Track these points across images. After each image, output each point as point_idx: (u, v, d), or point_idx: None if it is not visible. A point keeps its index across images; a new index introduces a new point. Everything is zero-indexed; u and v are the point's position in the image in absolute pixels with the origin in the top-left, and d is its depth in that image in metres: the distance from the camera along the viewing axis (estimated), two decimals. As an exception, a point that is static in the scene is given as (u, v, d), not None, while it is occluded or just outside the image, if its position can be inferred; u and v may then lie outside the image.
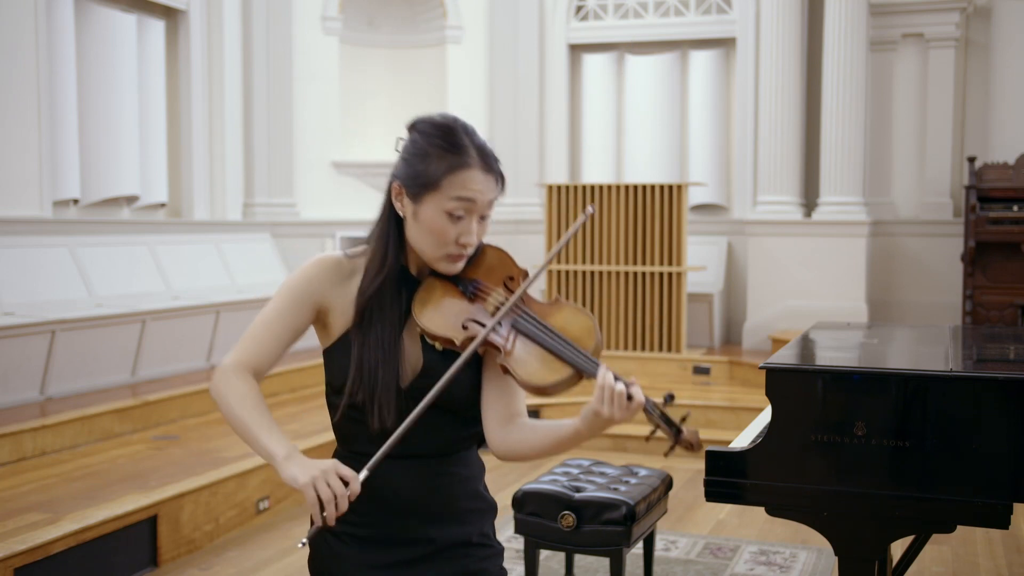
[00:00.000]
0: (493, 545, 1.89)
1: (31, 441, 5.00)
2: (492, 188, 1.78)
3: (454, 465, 1.84)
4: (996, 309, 7.56)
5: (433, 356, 1.79)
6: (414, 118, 1.83)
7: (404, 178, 1.79)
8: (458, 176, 1.74)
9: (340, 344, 1.81)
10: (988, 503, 2.38)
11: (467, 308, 1.79)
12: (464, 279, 1.82)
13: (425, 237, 1.77)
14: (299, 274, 1.83)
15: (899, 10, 8.29)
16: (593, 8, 8.92)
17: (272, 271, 8.33)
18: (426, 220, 1.76)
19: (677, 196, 7.45)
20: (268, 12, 8.58)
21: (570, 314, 1.76)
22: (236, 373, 1.80)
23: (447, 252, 1.78)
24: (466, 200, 1.74)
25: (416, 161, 1.77)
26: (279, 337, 1.82)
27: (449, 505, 1.83)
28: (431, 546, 1.81)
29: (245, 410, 1.76)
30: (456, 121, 1.79)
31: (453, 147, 1.75)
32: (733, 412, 6.45)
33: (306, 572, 4.40)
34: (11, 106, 6.37)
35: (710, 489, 2.62)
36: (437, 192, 1.74)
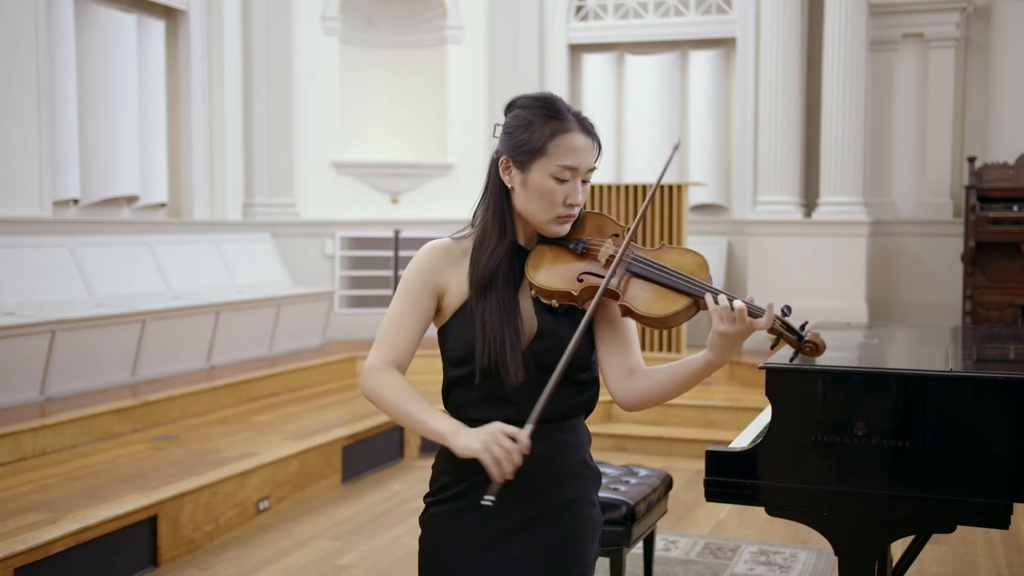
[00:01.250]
0: (594, 516, 1.96)
1: (31, 441, 5.00)
2: (592, 150, 1.90)
3: (565, 432, 1.92)
4: (996, 309, 7.56)
5: (547, 318, 1.89)
6: (512, 98, 1.96)
7: (510, 149, 1.90)
8: (562, 139, 1.86)
9: (458, 316, 1.90)
10: (988, 503, 2.38)
11: (579, 263, 1.90)
12: (572, 239, 1.94)
13: (536, 202, 1.89)
14: (414, 265, 1.94)
15: (899, 10, 8.29)
16: (593, 8, 8.92)
17: (272, 271, 8.33)
18: (535, 185, 1.87)
19: (677, 196, 7.45)
20: (268, 12, 8.58)
21: (679, 253, 1.88)
22: (383, 370, 1.91)
23: (557, 214, 1.89)
24: (570, 165, 1.86)
25: (519, 132, 1.89)
26: (410, 329, 1.92)
27: (559, 471, 1.91)
28: (541, 509, 1.89)
29: (402, 401, 1.87)
30: (553, 94, 1.93)
31: (554, 113, 1.88)
32: (733, 412, 6.45)
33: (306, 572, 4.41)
34: (11, 106, 6.37)
35: (710, 489, 2.62)
36: (543, 157, 1.86)
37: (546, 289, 1.86)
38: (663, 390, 1.89)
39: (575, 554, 1.90)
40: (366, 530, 4.77)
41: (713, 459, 2.61)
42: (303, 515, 5.00)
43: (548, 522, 1.89)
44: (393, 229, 8.28)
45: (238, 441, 5.38)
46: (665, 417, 6.61)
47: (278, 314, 7.60)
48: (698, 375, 1.86)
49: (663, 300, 1.83)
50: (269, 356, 7.54)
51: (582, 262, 1.90)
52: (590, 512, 1.95)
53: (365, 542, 4.58)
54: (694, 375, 1.86)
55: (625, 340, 1.95)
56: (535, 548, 1.87)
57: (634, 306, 1.83)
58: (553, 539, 1.88)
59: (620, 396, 1.93)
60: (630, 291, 1.85)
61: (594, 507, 1.96)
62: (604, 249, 1.91)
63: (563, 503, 1.90)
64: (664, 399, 1.91)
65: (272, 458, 4.99)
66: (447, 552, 1.91)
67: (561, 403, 1.88)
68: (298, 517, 4.96)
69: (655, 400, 1.91)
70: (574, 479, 1.93)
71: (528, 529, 1.88)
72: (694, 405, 6.58)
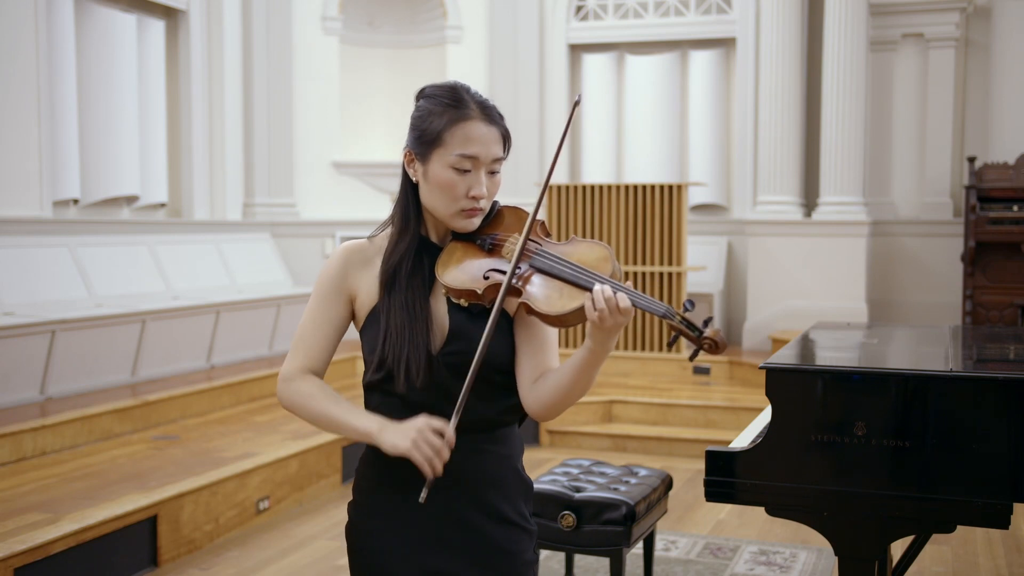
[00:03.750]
0: (526, 526, 1.91)
1: (31, 441, 5.00)
2: (495, 140, 1.81)
3: (493, 442, 1.86)
4: (996, 309, 7.56)
5: (459, 318, 1.82)
6: (421, 87, 1.89)
7: (412, 142, 1.84)
8: (459, 128, 1.79)
9: (370, 319, 1.85)
10: (988, 503, 2.38)
11: (487, 260, 1.82)
12: (482, 235, 1.86)
13: (437, 195, 1.81)
14: (325, 269, 1.88)
15: (899, 10, 8.29)
16: (593, 8, 8.92)
17: (272, 271, 8.33)
18: (435, 177, 1.80)
19: (677, 196, 7.45)
20: (268, 12, 8.58)
21: (586, 247, 1.79)
22: (297, 377, 1.86)
23: (460, 207, 1.81)
24: (469, 154, 1.78)
25: (420, 122, 1.83)
26: (324, 334, 1.87)
27: (489, 481, 1.85)
28: (465, 519, 1.83)
29: (322, 406, 1.83)
30: (457, 82, 1.86)
31: (454, 101, 1.80)
32: (733, 412, 6.45)
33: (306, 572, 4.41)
34: (11, 106, 6.37)
35: (710, 489, 2.62)
36: (441, 147, 1.79)
37: (453, 288, 1.79)
38: (558, 390, 1.79)
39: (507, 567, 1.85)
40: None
41: (713, 459, 2.61)
42: (303, 515, 5.00)
43: (477, 534, 1.83)
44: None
45: (238, 441, 5.38)
46: (665, 417, 6.61)
47: (278, 314, 7.60)
48: (585, 366, 1.74)
49: (564, 296, 1.73)
50: (269, 356, 7.54)
51: (490, 258, 1.82)
52: (521, 523, 1.89)
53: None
54: (581, 367, 1.74)
55: (539, 342, 1.84)
56: (466, 559, 1.83)
57: (534, 304, 1.73)
58: (483, 551, 1.84)
59: (527, 404, 1.83)
60: (531, 288, 1.75)
61: (525, 518, 1.90)
62: (510, 243, 1.83)
63: (491, 514, 1.84)
64: (565, 400, 1.79)
65: (272, 458, 4.99)
66: (379, 562, 1.86)
67: (486, 410, 1.83)
68: (298, 517, 4.97)
69: (556, 402, 1.80)
70: (504, 489, 1.86)
71: (459, 540, 1.83)
72: (694, 405, 6.58)
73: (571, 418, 6.53)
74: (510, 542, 1.86)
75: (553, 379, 1.80)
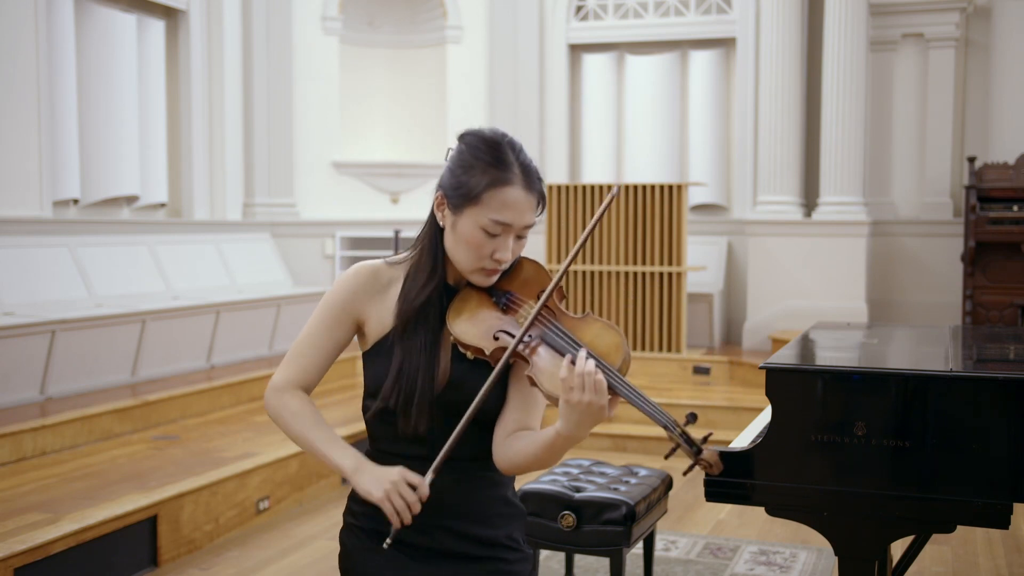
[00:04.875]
0: (521, 550, 1.89)
1: (31, 441, 5.00)
2: (531, 208, 1.77)
3: (485, 470, 1.85)
4: (996, 309, 7.56)
5: (460, 367, 1.80)
6: (465, 129, 1.83)
7: (447, 188, 1.79)
8: (499, 192, 1.74)
9: (377, 348, 1.82)
10: (988, 503, 2.38)
11: (499, 319, 1.79)
12: (498, 290, 1.83)
13: (461, 249, 1.78)
14: (337, 288, 1.85)
15: (899, 10, 8.29)
16: (593, 8, 8.92)
17: (272, 271, 8.33)
18: (464, 233, 1.77)
19: (677, 196, 7.45)
20: (268, 12, 8.58)
21: (599, 329, 1.75)
22: (287, 391, 1.85)
23: (481, 266, 1.79)
24: (504, 221, 1.75)
25: (460, 172, 1.77)
26: (323, 352, 1.86)
27: (479, 508, 1.84)
28: (460, 548, 1.82)
29: (305, 428, 1.82)
30: (504, 137, 1.79)
31: (497, 162, 1.75)
32: (733, 412, 6.45)
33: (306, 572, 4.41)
34: (11, 106, 6.37)
35: (710, 489, 2.62)
36: (477, 206, 1.75)
37: (462, 341, 1.77)
38: (521, 458, 1.77)
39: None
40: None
41: (713, 459, 2.61)
42: (303, 515, 5.00)
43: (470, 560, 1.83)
44: (393, 229, 8.28)
45: (238, 441, 5.38)
46: (665, 417, 6.60)
47: (278, 314, 7.60)
48: (550, 447, 1.72)
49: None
50: (269, 356, 7.54)
51: (503, 317, 1.79)
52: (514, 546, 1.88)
53: (365, 542, 4.58)
54: (545, 445, 1.72)
55: (530, 400, 1.82)
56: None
57: (538, 379, 1.70)
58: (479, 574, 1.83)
59: (495, 454, 1.82)
60: (538, 361, 1.72)
61: (517, 543, 1.89)
62: (525, 309, 1.80)
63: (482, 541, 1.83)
64: (526, 467, 1.77)
65: (272, 458, 4.99)
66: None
67: (479, 445, 1.82)
68: (298, 517, 4.97)
69: (518, 466, 1.78)
70: (494, 517, 1.86)
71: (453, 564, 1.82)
72: (694, 405, 6.58)
73: (571, 418, 6.52)
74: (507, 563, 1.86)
75: (520, 445, 1.77)
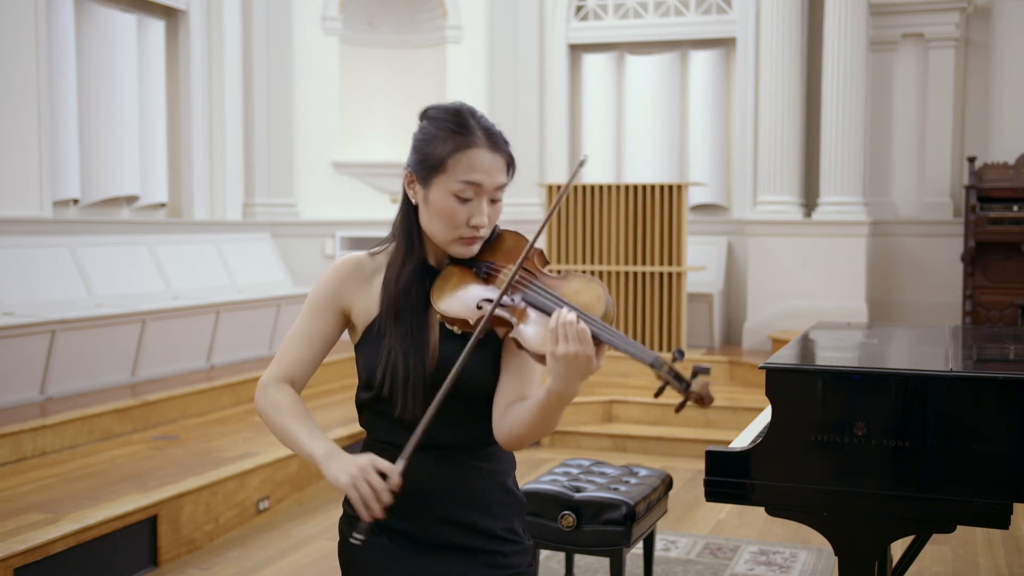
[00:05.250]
0: (520, 541, 1.87)
1: (31, 441, 5.00)
2: (500, 169, 1.77)
3: (481, 459, 1.83)
4: (996, 309, 7.56)
5: (449, 345, 1.78)
6: (424, 107, 1.84)
7: (413, 164, 1.80)
8: (464, 155, 1.74)
9: (366, 337, 1.82)
10: (988, 503, 2.38)
11: (482, 289, 1.78)
12: (479, 262, 1.82)
13: (436, 221, 1.78)
14: (321, 281, 1.85)
15: (899, 10, 8.28)
16: (593, 8, 8.92)
17: (272, 271, 8.33)
18: (436, 203, 1.77)
19: (677, 196, 7.45)
20: (268, 12, 8.58)
21: (580, 283, 1.73)
22: (273, 386, 1.84)
23: (459, 235, 1.78)
24: (473, 182, 1.74)
25: (423, 145, 1.78)
26: (310, 347, 1.85)
27: (475, 498, 1.82)
28: (457, 539, 1.80)
29: (282, 419, 1.81)
30: (463, 105, 1.81)
31: (459, 127, 1.76)
32: (733, 412, 6.45)
33: (306, 572, 4.40)
34: (11, 106, 6.37)
35: (710, 489, 2.62)
36: (444, 173, 1.75)
37: (447, 316, 1.75)
38: (521, 424, 1.73)
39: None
40: (366, 530, 4.77)
41: (713, 459, 2.61)
42: (303, 515, 5.00)
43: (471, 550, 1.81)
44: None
45: (238, 441, 5.38)
46: (665, 417, 6.61)
47: (278, 314, 7.60)
48: (543, 407, 1.68)
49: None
50: (269, 356, 7.54)
51: (485, 287, 1.77)
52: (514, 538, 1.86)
53: (365, 542, 4.58)
54: (540, 406, 1.69)
55: (521, 369, 1.79)
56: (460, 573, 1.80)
57: (522, 339, 1.68)
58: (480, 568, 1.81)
59: (495, 430, 1.79)
60: (521, 323, 1.70)
61: (517, 534, 1.87)
62: (504, 274, 1.77)
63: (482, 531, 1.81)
64: (527, 436, 1.74)
65: (272, 458, 4.99)
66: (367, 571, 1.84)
67: (475, 429, 1.80)
68: (298, 517, 4.97)
69: (517, 436, 1.74)
70: (493, 507, 1.83)
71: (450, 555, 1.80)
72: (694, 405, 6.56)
73: (571, 418, 6.54)
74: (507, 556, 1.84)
75: (516, 412, 1.75)
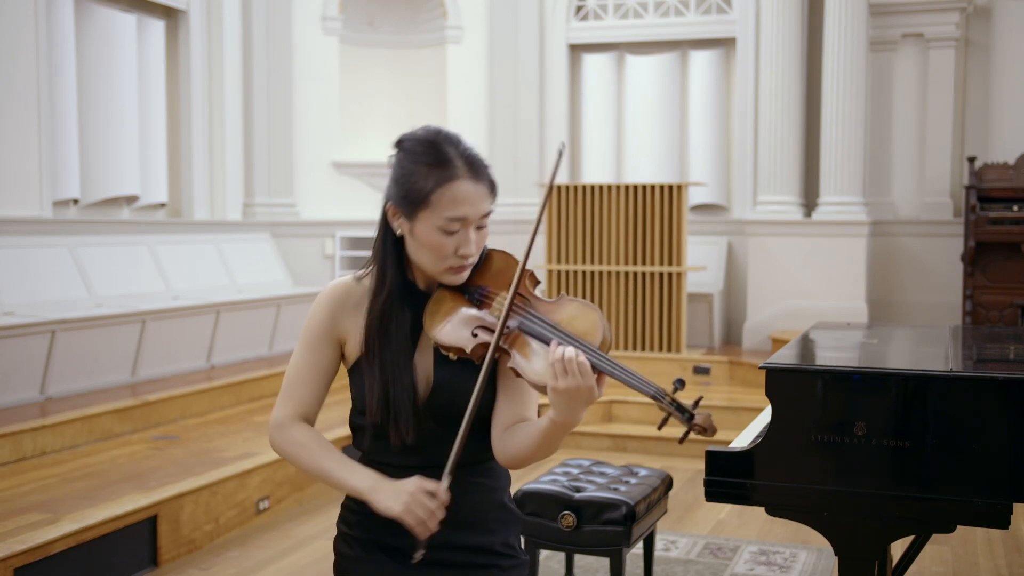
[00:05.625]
0: (517, 556, 1.89)
1: (31, 441, 5.00)
2: (483, 197, 1.75)
3: (479, 475, 1.84)
4: (996, 309, 7.56)
5: (444, 370, 1.79)
6: (399, 136, 1.81)
7: (396, 198, 1.78)
8: (447, 190, 1.72)
9: (358, 365, 1.83)
10: (988, 503, 2.38)
11: (476, 315, 1.77)
12: (471, 286, 1.81)
13: (424, 253, 1.77)
14: (314, 313, 1.85)
15: (899, 10, 8.29)
16: (593, 8, 8.92)
17: (272, 271, 8.33)
18: (422, 237, 1.75)
19: (677, 196, 7.45)
20: (268, 12, 8.58)
21: (576, 309, 1.73)
22: (289, 425, 1.85)
23: (448, 265, 1.77)
24: (458, 217, 1.73)
25: (403, 180, 1.76)
26: (314, 380, 1.85)
27: (474, 514, 1.83)
28: (454, 555, 1.81)
29: (314, 457, 1.82)
30: (439, 133, 1.77)
31: (438, 161, 1.73)
32: (733, 412, 6.45)
33: (306, 572, 4.40)
34: (11, 106, 6.36)
35: (710, 489, 2.62)
36: (428, 208, 1.73)
37: (442, 343, 1.76)
38: (521, 448, 1.75)
39: None
40: (366, 530, 4.77)
41: (713, 459, 2.61)
42: (303, 515, 5.00)
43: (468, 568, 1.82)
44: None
45: (238, 441, 5.38)
46: (665, 417, 6.59)
47: (278, 314, 7.60)
48: (546, 435, 1.70)
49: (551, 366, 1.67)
50: (269, 356, 7.54)
51: (479, 313, 1.77)
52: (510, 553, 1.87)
53: (365, 542, 4.58)
54: (542, 434, 1.70)
55: (521, 391, 1.81)
56: None
57: (522, 371, 1.69)
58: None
59: (495, 449, 1.81)
60: (518, 353, 1.71)
61: (514, 549, 1.88)
62: (499, 300, 1.78)
63: (479, 548, 1.83)
64: (526, 459, 1.76)
65: (272, 458, 4.99)
66: None
67: (473, 447, 1.80)
68: (298, 517, 4.97)
69: (520, 459, 1.76)
70: (490, 522, 1.85)
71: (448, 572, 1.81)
72: (694, 405, 6.57)
73: (571, 418, 6.52)
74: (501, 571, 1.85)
75: (518, 437, 1.76)
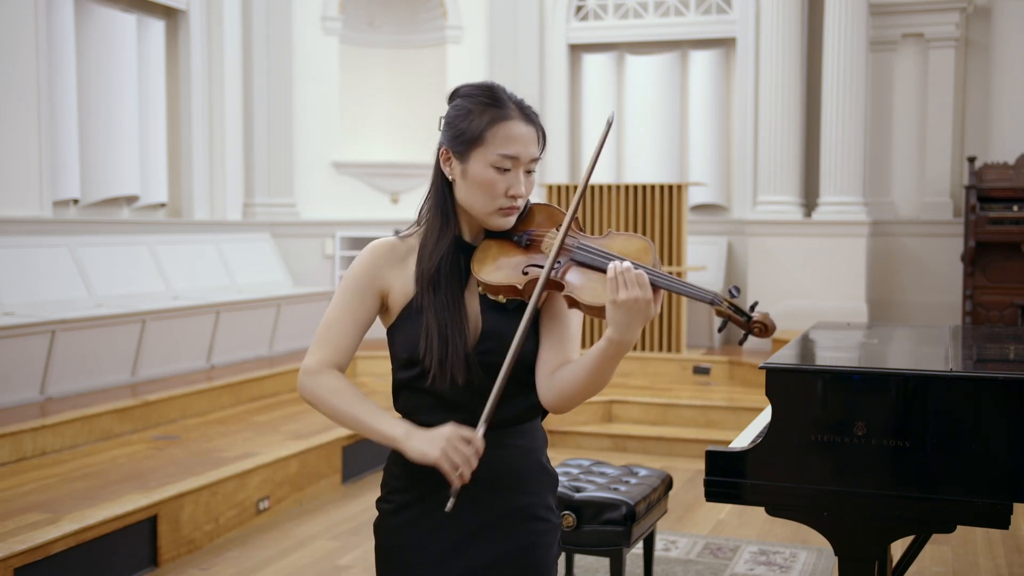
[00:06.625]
0: (552, 519, 1.91)
1: (31, 441, 5.00)
2: (534, 140, 1.82)
3: (518, 437, 1.87)
4: (996, 309, 7.56)
5: (493, 317, 1.82)
6: (454, 88, 1.90)
7: (449, 140, 1.84)
8: (500, 128, 1.80)
9: (404, 316, 1.84)
10: (988, 503, 2.38)
11: (524, 256, 1.83)
12: (517, 232, 1.86)
13: (476, 193, 1.82)
14: (357, 264, 1.87)
15: (899, 10, 8.29)
16: (593, 8, 8.92)
17: (272, 271, 8.33)
18: (475, 176, 1.81)
19: (677, 196, 7.45)
20: (268, 12, 8.58)
21: (624, 240, 1.79)
22: (323, 371, 1.85)
23: (498, 205, 1.82)
24: (511, 154, 1.79)
25: (459, 121, 1.83)
26: (351, 329, 1.86)
27: (515, 476, 1.86)
28: (498, 515, 1.84)
29: (347, 404, 1.82)
30: (493, 82, 1.88)
31: (494, 101, 1.82)
32: (733, 412, 6.45)
33: (306, 572, 4.40)
34: (11, 106, 6.37)
35: (710, 489, 2.62)
36: (482, 146, 1.80)
37: (492, 285, 1.79)
38: (576, 381, 1.78)
39: (535, 561, 1.86)
40: (366, 530, 4.77)
41: (713, 459, 2.61)
42: (303, 515, 5.00)
43: (505, 529, 1.84)
44: (393, 229, 8.28)
45: (238, 441, 5.38)
46: (665, 417, 6.61)
47: (278, 314, 7.60)
48: (602, 357, 1.73)
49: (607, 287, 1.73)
50: (269, 356, 7.54)
51: (527, 254, 1.83)
52: (547, 516, 1.90)
53: (365, 542, 4.58)
54: (598, 357, 1.73)
55: (565, 334, 1.85)
56: (494, 555, 1.83)
57: (578, 296, 1.74)
58: (512, 546, 1.84)
59: (543, 395, 1.83)
60: (573, 281, 1.76)
61: (551, 511, 1.92)
62: (548, 239, 1.83)
63: (518, 508, 1.86)
64: (580, 393, 1.79)
65: (272, 458, 4.99)
66: (406, 560, 1.86)
67: (512, 407, 1.83)
68: (298, 517, 4.96)
69: (572, 394, 1.79)
70: (530, 483, 1.88)
71: (485, 536, 1.84)
72: (694, 405, 6.58)
73: (571, 418, 6.53)
74: (537, 535, 1.88)
75: (571, 370, 1.79)
